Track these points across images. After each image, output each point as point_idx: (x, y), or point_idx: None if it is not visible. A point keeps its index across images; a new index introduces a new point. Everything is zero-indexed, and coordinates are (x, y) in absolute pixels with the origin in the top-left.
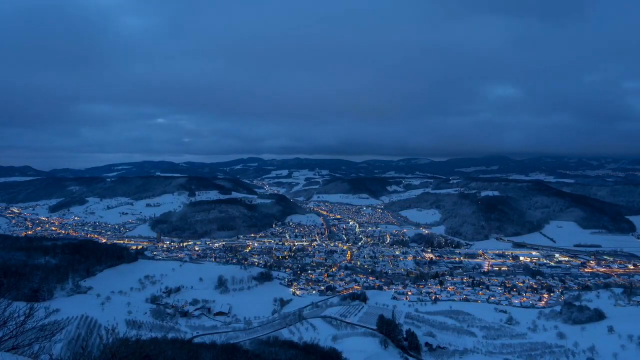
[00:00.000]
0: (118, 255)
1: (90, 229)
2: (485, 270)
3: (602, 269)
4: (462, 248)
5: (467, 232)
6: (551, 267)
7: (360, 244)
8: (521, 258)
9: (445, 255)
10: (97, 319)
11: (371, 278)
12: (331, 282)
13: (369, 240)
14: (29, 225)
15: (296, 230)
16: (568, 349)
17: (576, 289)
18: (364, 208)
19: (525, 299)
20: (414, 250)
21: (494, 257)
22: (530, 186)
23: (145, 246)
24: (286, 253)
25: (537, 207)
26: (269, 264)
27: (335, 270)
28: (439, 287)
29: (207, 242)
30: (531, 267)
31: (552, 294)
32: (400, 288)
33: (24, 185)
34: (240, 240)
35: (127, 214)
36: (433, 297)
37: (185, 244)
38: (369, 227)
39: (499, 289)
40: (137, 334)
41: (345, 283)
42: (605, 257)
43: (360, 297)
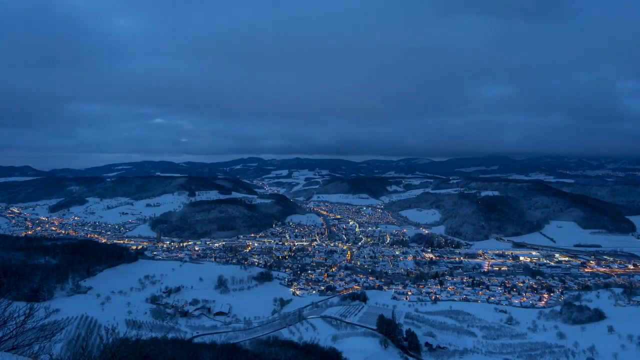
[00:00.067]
0: (118, 255)
1: (90, 229)
2: (485, 270)
3: (602, 269)
4: (462, 248)
5: (467, 232)
6: (551, 267)
7: (360, 244)
8: (521, 258)
9: (445, 255)
10: (97, 319)
11: (371, 278)
12: (331, 282)
13: (369, 240)
14: (29, 225)
15: (296, 230)
16: (568, 349)
17: (576, 289)
18: (364, 208)
19: (525, 299)
20: (414, 250)
21: (494, 257)
22: (530, 186)
23: (145, 246)
24: (286, 253)
25: (537, 207)
26: (269, 264)
27: (335, 270)
28: (439, 287)
29: (207, 242)
30: (531, 267)
31: (552, 294)
32: (400, 288)
33: (24, 185)
34: (240, 240)
35: (127, 214)
36: (433, 297)
37: (185, 244)
38: (369, 227)
39: (499, 289)
40: (137, 334)
41: (345, 283)
42: (605, 257)
43: (360, 297)
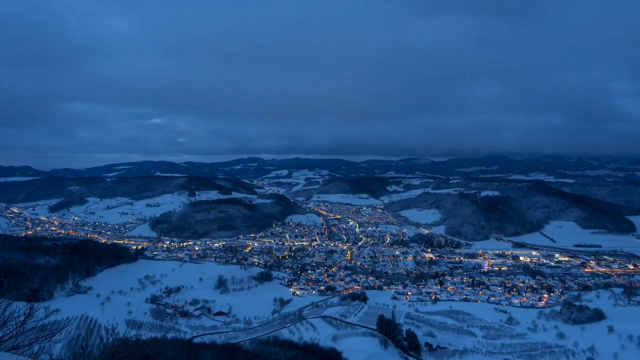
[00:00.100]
0: (118, 255)
1: (90, 229)
2: (485, 270)
3: (602, 269)
4: (462, 248)
5: (467, 232)
6: (551, 267)
7: (360, 244)
8: (521, 258)
9: (445, 255)
10: (97, 319)
11: (371, 278)
12: (331, 282)
13: (369, 240)
14: (29, 225)
15: (296, 230)
16: (568, 349)
17: (576, 289)
18: (364, 208)
19: (525, 299)
20: (414, 250)
21: (494, 257)
22: (530, 186)
23: (145, 246)
24: (286, 253)
25: (537, 207)
26: (269, 264)
27: (335, 270)
28: (439, 287)
29: (207, 242)
30: (531, 267)
31: (552, 294)
32: (400, 288)
33: (24, 185)
34: (240, 240)
35: (127, 214)
36: (433, 297)
37: (185, 244)
38: (369, 227)
39: (499, 289)
40: (137, 334)
41: (345, 283)
42: (605, 257)
43: (360, 297)
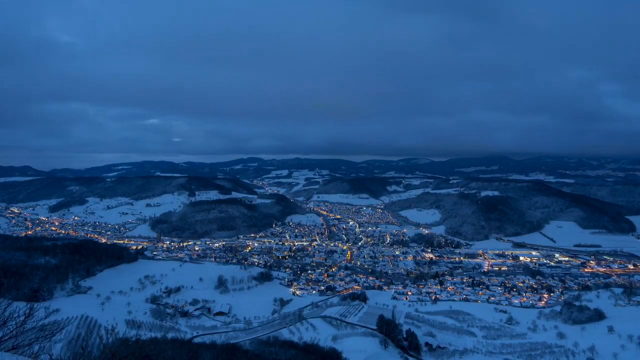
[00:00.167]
0: (118, 255)
1: (90, 229)
2: (485, 270)
3: (602, 269)
4: (462, 248)
5: (467, 232)
6: (551, 267)
7: (360, 244)
8: (521, 258)
9: (445, 255)
10: (97, 319)
11: (371, 278)
12: (331, 282)
13: (369, 240)
14: (29, 225)
15: (296, 230)
16: (568, 349)
17: (576, 289)
18: (364, 208)
19: (525, 299)
20: (414, 250)
21: (494, 257)
22: (530, 186)
23: (145, 246)
24: (286, 253)
25: (537, 207)
26: (269, 264)
27: (335, 270)
28: (439, 287)
29: (207, 242)
30: (531, 267)
31: (552, 294)
32: (400, 288)
33: (24, 185)
34: (240, 240)
35: (127, 214)
36: (433, 297)
37: (185, 244)
38: (369, 227)
39: (499, 289)
40: (137, 334)
41: (345, 283)
42: (605, 257)
43: (360, 297)
